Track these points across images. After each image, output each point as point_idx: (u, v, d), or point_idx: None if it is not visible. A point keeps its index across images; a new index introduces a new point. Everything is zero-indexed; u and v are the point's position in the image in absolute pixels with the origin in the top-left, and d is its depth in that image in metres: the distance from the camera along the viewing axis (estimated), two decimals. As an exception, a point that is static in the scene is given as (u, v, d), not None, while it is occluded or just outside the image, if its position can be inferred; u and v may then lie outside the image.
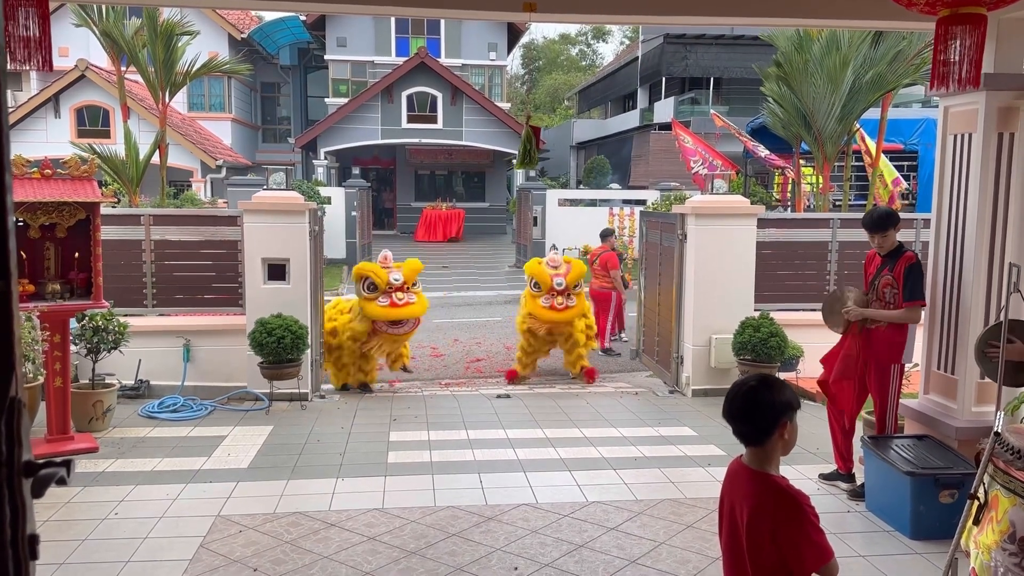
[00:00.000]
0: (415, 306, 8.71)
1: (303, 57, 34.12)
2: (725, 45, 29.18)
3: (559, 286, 9.15)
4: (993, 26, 4.96)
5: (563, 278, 9.20)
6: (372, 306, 8.51)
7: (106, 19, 12.42)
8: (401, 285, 8.65)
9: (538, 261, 9.56)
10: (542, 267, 9.35)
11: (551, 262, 9.46)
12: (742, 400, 2.46)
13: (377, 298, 8.54)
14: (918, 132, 17.62)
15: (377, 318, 8.52)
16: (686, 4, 5.39)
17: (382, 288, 8.55)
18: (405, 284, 8.69)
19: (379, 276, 8.58)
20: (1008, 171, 5.12)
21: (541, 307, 9.14)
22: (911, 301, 5.22)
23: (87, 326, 7.06)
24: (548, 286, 9.17)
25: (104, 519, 4.96)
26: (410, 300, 8.67)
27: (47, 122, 23.60)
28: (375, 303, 8.52)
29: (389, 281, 8.58)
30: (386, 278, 8.58)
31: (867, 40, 11.90)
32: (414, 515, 5.08)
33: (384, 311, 8.49)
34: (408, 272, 8.82)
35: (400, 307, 8.56)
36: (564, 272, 9.27)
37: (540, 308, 9.15)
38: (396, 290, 8.60)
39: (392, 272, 8.71)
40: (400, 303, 8.56)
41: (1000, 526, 3.40)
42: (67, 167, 6.26)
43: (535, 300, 9.25)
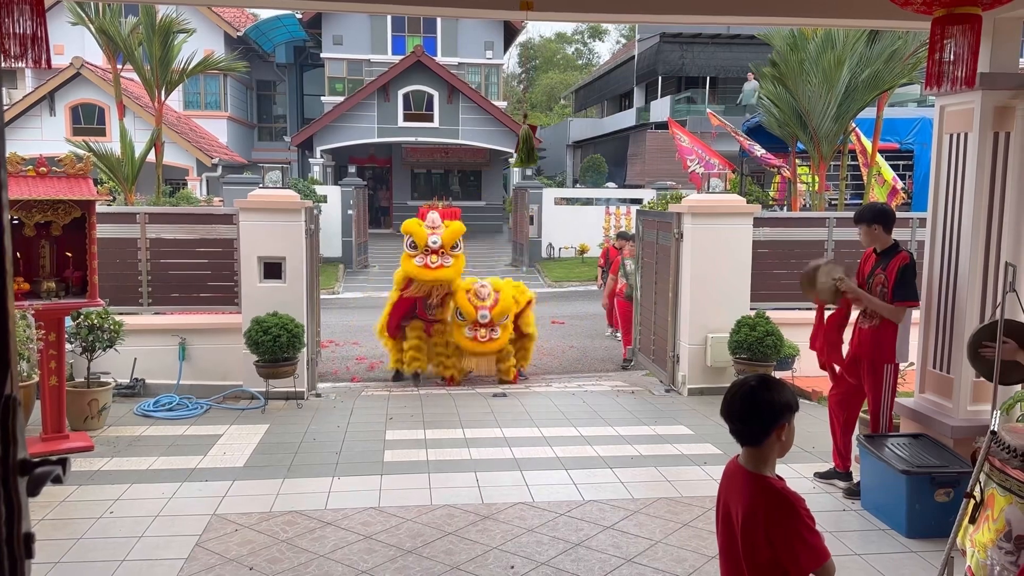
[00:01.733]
0: (448, 270, 9.03)
1: (299, 55, 34.08)
2: (721, 44, 29.19)
3: (483, 319, 9.00)
4: (989, 25, 4.97)
5: (487, 311, 9.03)
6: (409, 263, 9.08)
7: (102, 17, 12.38)
8: (438, 248, 9.01)
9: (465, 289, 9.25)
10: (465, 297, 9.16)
11: (477, 293, 9.22)
12: (741, 400, 2.46)
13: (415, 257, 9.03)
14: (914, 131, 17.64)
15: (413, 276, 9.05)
16: (682, 3, 5.39)
17: (420, 247, 9.03)
18: (442, 247, 9.02)
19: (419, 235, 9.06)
20: (1004, 170, 5.13)
21: (466, 339, 9.08)
22: (900, 301, 5.23)
23: (82, 324, 7.04)
24: (473, 317, 9.04)
25: (99, 518, 4.95)
26: (444, 263, 9.03)
27: (42, 120, 23.53)
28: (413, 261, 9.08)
29: (427, 242, 9.02)
30: (425, 238, 9.05)
31: (862, 39, 11.90)
32: (410, 514, 5.08)
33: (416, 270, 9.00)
34: (447, 235, 9.11)
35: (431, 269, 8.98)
36: (490, 304, 9.10)
37: (466, 341, 9.09)
38: (432, 252, 9.01)
39: (432, 234, 9.06)
40: (433, 266, 8.97)
41: (996, 524, 3.41)
42: (63, 165, 6.25)
43: (460, 329, 9.12)
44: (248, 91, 32.83)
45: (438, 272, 8.97)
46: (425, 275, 8.95)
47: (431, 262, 8.96)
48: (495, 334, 9.11)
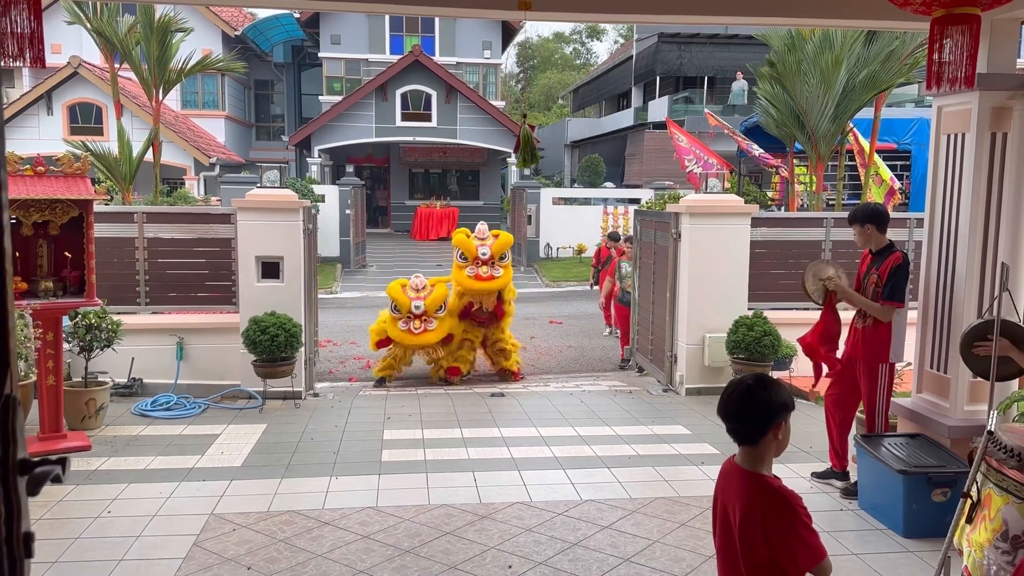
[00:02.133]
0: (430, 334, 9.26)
1: (297, 55, 34.05)
2: (719, 44, 29.19)
3: (417, 309, 9.17)
4: (986, 26, 4.98)
5: (422, 301, 9.21)
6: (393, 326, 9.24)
7: (99, 16, 12.37)
8: (421, 314, 9.24)
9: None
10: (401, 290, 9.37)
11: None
12: (738, 399, 2.46)
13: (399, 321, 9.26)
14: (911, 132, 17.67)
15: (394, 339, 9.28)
16: (681, 4, 5.40)
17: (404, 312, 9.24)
18: (425, 313, 9.25)
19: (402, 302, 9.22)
20: (1001, 171, 5.14)
21: (400, 332, 9.21)
22: (888, 301, 5.25)
23: (80, 324, 7.03)
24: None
25: (97, 517, 4.95)
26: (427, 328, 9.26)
27: (39, 119, 23.50)
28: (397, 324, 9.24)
29: (411, 308, 9.21)
30: (408, 305, 9.21)
31: (860, 39, 11.92)
32: (408, 513, 5.08)
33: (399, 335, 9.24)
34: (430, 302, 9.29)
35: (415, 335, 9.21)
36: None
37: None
38: (415, 317, 9.22)
39: (416, 299, 9.23)
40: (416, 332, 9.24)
41: (993, 524, 3.42)
42: (60, 164, 6.24)
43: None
44: (246, 90, 32.80)
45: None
46: (477, 285, 9.28)
47: (483, 273, 9.26)
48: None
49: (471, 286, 9.28)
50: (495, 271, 9.32)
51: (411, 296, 9.24)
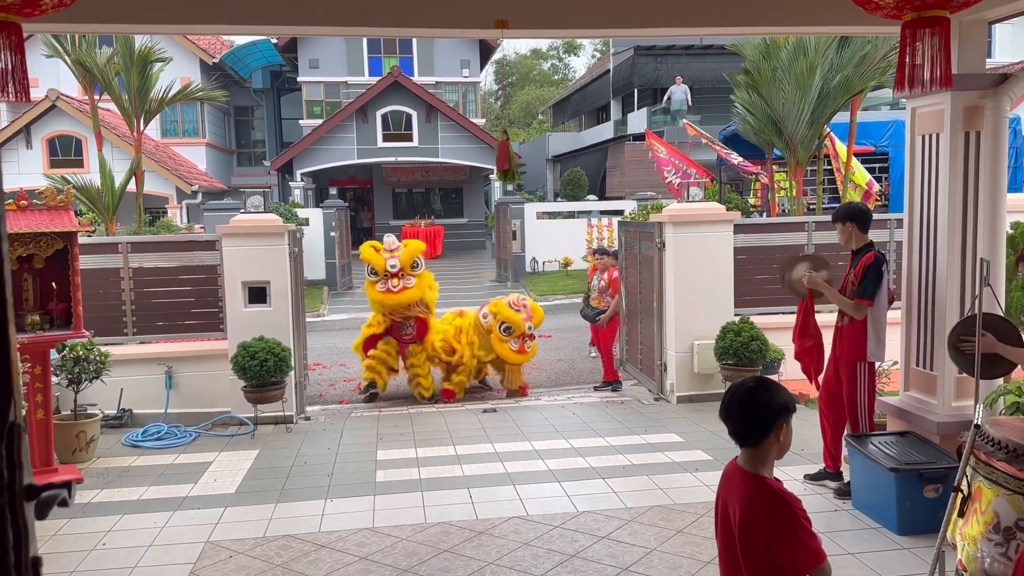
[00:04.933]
0: (411, 291, 9.15)
1: (276, 80, 34.09)
2: (695, 55, 29.46)
3: (393, 267, 9.14)
4: (955, 28, 5.07)
5: (396, 259, 9.20)
6: (372, 289, 9.25)
7: (78, 48, 12.37)
8: (396, 271, 9.15)
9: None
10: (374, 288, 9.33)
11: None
12: (740, 401, 2.49)
13: (377, 283, 9.17)
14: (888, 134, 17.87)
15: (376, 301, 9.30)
16: (653, 17, 5.46)
17: (380, 273, 9.19)
18: (401, 270, 9.16)
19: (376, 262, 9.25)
20: (976, 169, 5.23)
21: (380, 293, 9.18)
22: (858, 299, 5.33)
23: (68, 356, 7.00)
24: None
25: (92, 550, 4.91)
26: (406, 285, 9.14)
27: (19, 153, 23.40)
28: (375, 286, 9.20)
29: (386, 267, 9.16)
30: (383, 264, 9.17)
31: (833, 45, 12.08)
32: (405, 533, 5.07)
33: (380, 296, 9.17)
34: (405, 257, 9.24)
35: (394, 293, 9.10)
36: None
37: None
38: (392, 276, 9.13)
39: (390, 258, 9.19)
40: (395, 289, 9.11)
41: (984, 517, 3.46)
42: (43, 197, 6.23)
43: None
44: (226, 117, 32.79)
45: (401, 295, 9.09)
46: (389, 300, 9.11)
47: (393, 286, 9.09)
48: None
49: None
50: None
51: (385, 256, 9.21)
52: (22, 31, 3.19)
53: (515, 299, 9.65)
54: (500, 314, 9.42)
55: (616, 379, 9.85)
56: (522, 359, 9.52)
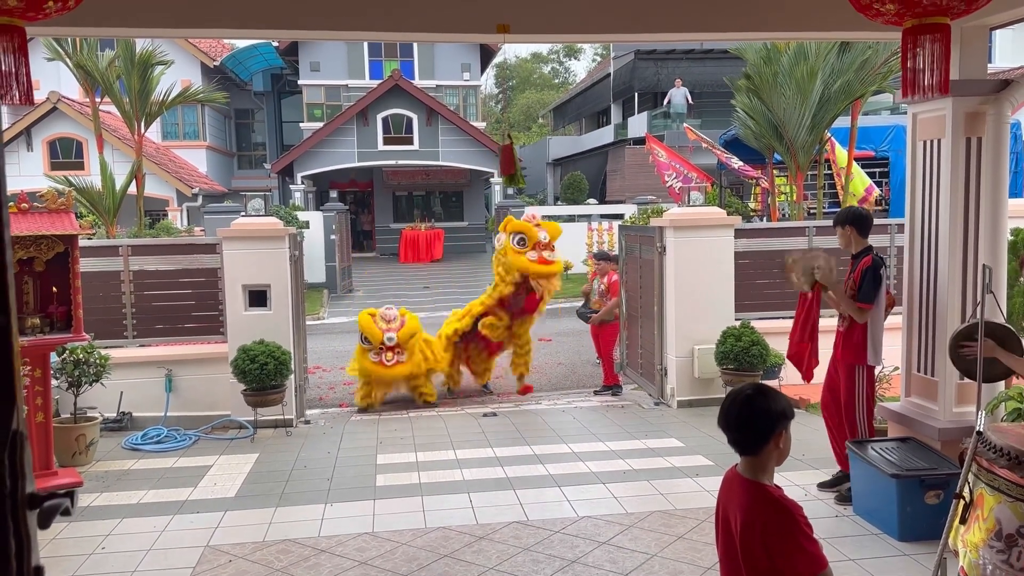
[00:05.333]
0: (403, 367, 9.15)
1: (276, 83, 34.10)
2: (696, 59, 29.48)
3: (390, 341, 9.07)
4: (956, 34, 5.08)
5: (394, 333, 9.12)
6: (365, 358, 9.05)
7: (80, 51, 12.38)
8: (393, 346, 9.11)
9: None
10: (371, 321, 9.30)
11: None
12: (738, 409, 2.48)
13: (370, 352, 9.08)
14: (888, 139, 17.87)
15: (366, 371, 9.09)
16: (653, 22, 5.47)
17: (375, 345, 9.06)
18: (398, 346, 9.13)
19: (373, 334, 9.05)
20: (977, 175, 5.22)
21: (371, 363, 9.09)
22: (859, 302, 5.33)
23: (68, 360, 6.99)
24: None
25: (91, 554, 4.90)
26: (400, 360, 9.15)
27: (19, 156, 23.41)
28: (368, 356, 9.06)
29: (383, 340, 9.06)
30: (380, 337, 9.05)
31: (834, 50, 12.08)
32: (405, 537, 5.06)
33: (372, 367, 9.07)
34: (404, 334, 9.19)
35: (387, 368, 9.06)
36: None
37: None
38: (387, 349, 9.08)
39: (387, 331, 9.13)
40: (388, 364, 9.08)
41: (986, 524, 3.45)
42: (44, 200, 6.23)
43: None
44: (226, 120, 32.81)
45: (393, 370, 9.06)
46: (381, 373, 9.06)
47: (387, 360, 9.04)
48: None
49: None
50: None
51: (382, 327, 9.11)
52: (25, 35, 3.19)
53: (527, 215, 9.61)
54: (509, 226, 9.48)
55: (616, 383, 9.83)
56: (545, 269, 9.29)
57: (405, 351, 9.14)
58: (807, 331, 5.63)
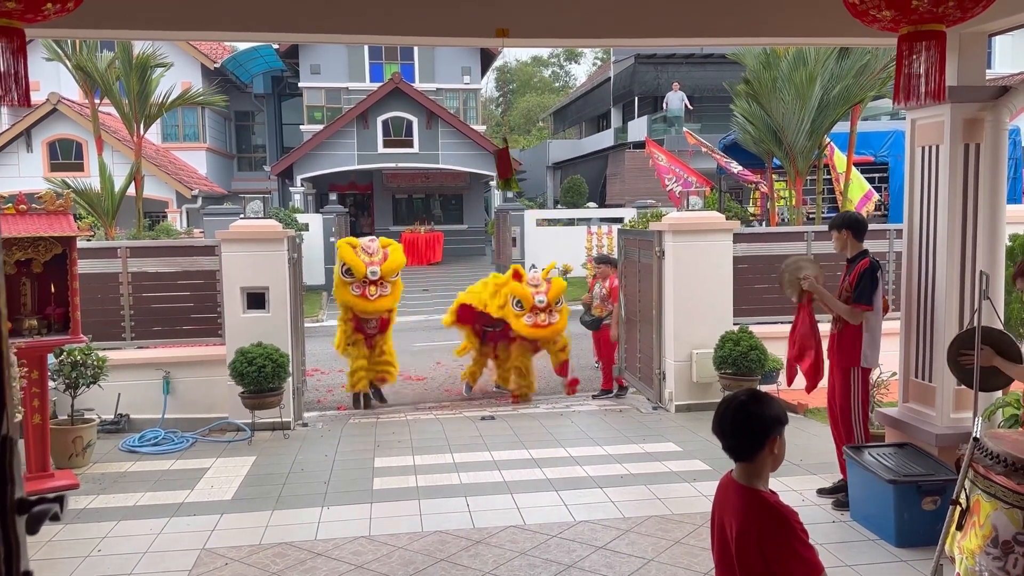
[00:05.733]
0: (386, 299, 9.06)
1: (277, 85, 34.11)
2: (696, 64, 29.51)
3: (373, 275, 9.00)
4: (955, 40, 5.09)
5: (377, 267, 9.04)
6: (343, 291, 8.97)
7: (79, 53, 12.39)
8: (380, 278, 8.99)
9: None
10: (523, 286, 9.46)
11: (531, 280, 9.56)
12: (732, 415, 2.48)
13: (351, 285, 8.97)
14: (888, 144, 17.89)
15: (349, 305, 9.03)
16: (653, 27, 5.47)
17: (359, 277, 8.89)
18: (383, 277, 9.00)
19: (356, 267, 8.89)
20: (976, 181, 5.23)
21: (353, 296, 9.02)
22: (855, 304, 5.33)
23: (65, 361, 6.98)
24: (531, 303, 9.28)
25: (87, 556, 4.89)
26: (383, 293, 9.01)
27: (19, 156, 23.41)
28: (349, 290, 8.96)
29: (366, 274, 8.92)
30: (363, 271, 8.91)
31: (833, 56, 12.10)
32: (401, 541, 5.05)
33: (354, 300, 8.95)
34: (389, 266, 9.09)
35: (370, 301, 8.95)
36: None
37: (353, 298, 9.03)
38: (374, 283, 8.96)
39: (372, 265, 8.98)
40: (372, 297, 8.95)
41: (983, 530, 3.44)
42: (42, 202, 6.23)
43: (519, 319, 9.34)
44: (226, 122, 32.82)
45: (378, 303, 9.02)
46: (365, 306, 9.01)
47: (370, 293, 8.96)
48: (385, 291, 9.08)
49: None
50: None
51: (365, 260, 9.02)
52: (24, 36, 3.19)
53: (531, 276, 9.64)
54: (507, 287, 9.54)
55: (620, 385, 9.90)
56: (538, 334, 9.34)
57: (388, 284, 9.07)
58: (798, 343, 5.65)
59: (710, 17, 5.42)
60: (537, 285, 9.47)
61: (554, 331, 9.44)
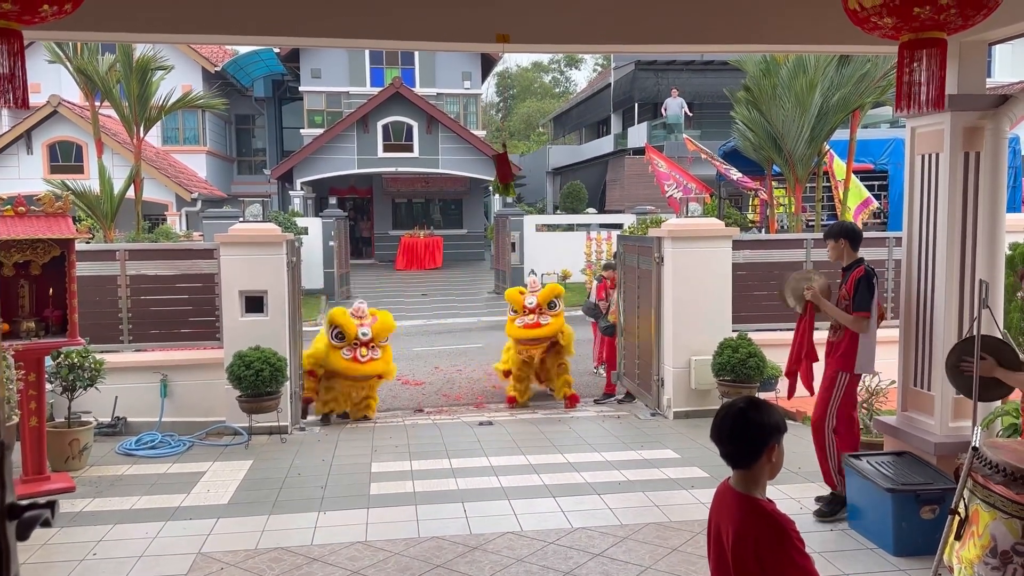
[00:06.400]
0: (377, 363, 8.83)
1: (277, 89, 34.14)
2: (696, 70, 29.57)
3: (364, 336, 8.82)
4: (955, 48, 5.09)
5: (368, 327, 8.88)
6: (334, 356, 8.69)
7: (80, 55, 12.39)
8: (370, 340, 8.79)
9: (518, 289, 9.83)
10: (517, 292, 9.72)
11: (530, 286, 9.71)
12: (730, 422, 2.47)
13: (342, 349, 8.71)
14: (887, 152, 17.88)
15: (337, 370, 8.71)
16: (653, 33, 5.48)
17: (349, 340, 8.72)
18: (375, 339, 8.83)
19: (348, 330, 8.71)
20: (975, 189, 5.22)
21: (344, 361, 8.76)
22: (856, 312, 5.32)
23: (62, 364, 6.97)
24: (520, 304, 9.45)
25: (83, 560, 4.87)
26: (373, 357, 8.80)
27: (19, 158, 23.39)
28: (339, 354, 8.69)
29: (357, 336, 8.72)
30: (354, 333, 8.73)
31: (833, 63, 12.11)
32: (398, 547, 5.04)
33: (345, 365, 8.66)
34: (379, 328, 8.95)
35: (361, 364, 8.71)
36: (370, 322, 9.01)
37: (344, 362, 8.77)
38: (365, 344, 8.76)
39: (363, 326, 8.82)
40: (363, 360, 8.71)
41: (981, 540, 3.43)
42: (41, 204, 6.22)
43: (511, 322, 9.54)
44: (227, 125, 32.82)
45: (367, 366, 8.77)
46: (355, 370, 8.71)
47: (361, 355, 8.74)
48: (375, 354, 8.89)
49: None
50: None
51: (356, 323, 8.89)
52: (23, 38, 3.18)
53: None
54: (507, 295, 9.76)
55: (613, 391, 9.93)
56: (525, 334, 9.36)
57: (379, 348, 8.95)
58: (802, 352, 5.64)
59: (711, 24, 5.42)
60: (535, 291, 9.57)
61: (544, 332, 9.40)
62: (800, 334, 5.71)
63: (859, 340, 5.35)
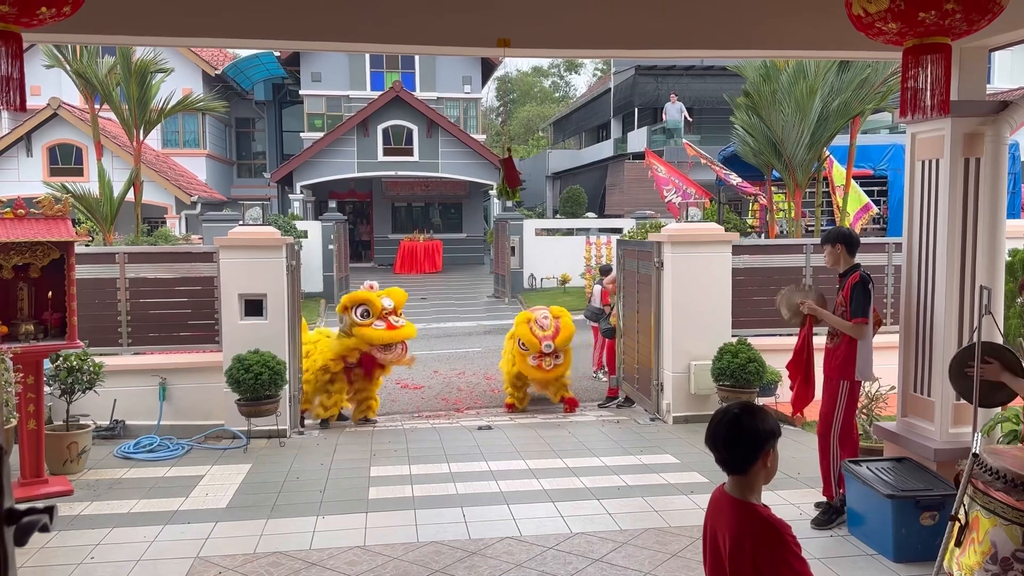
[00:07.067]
0: (409, 327, 9.03)
1: (278, 92, 34.18)
2: (696, 76, 29.61)
3: (548, 349, 9.26)
4: (956, 55, 5.08)
5: (551, 341, 9.30)
6: (369, 331, 8.64)
7: (79, 59, 12.39)
8: (393, 309, 8.93)
9: (527, 319, 9.63)
10: (529, 328, 9.52)
11: (540, 321, 9.57)
12: (725, 428, 2.47)
13: (372, 323, 8.69)
14: (887, 157, 17.90)
15: (376, 341, 8.66)
16: (653, 39, 5.48)
17: (376, 313, 8.73)
18: (396, 309, 8.98)
19: (373, 303, 8.76)
20: (975, 195, 5.22)
21: (530, 367, 9.36)
22: (854, 318, 5.31)
23: (61, 367, 6.95)
24: (536, 348, 9.34)
25: (80, 563, 4.86)
26: (401, 324, 8.98)
27: (19, 161, 23.40)
28: (371, 328, 8.65)
29: (383, 306, 8.80)
30: (380, 304, 8.80)
31: (833, 69, 12.12)
32: (396, 552, 5.02)
33: (382, 334, 8.67)
34: (397, 299, 9.12)
35: (398, 328, 8.83)
36: (552, 334, 9.37)
37: (529, 368, 9.37)
38: (390, 313, 8.87)
39: (383, 298, 8.94)
40: (397, 325, 8.85)
41: (981, 547, 3.43)
42: (41, 206, 6.21)
43: (524, 359, 9.44)
44: (227, 128, 32.85)
45: (404, 330, 8.91)
46: (392, 336, 8.75)
47: (395, 321, 8.87)
48: (559, 360, 9.40)
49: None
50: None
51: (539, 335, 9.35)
52: (21, 41, 3.18)
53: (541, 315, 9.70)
54: (518, 331, 9.65)
55: (616, 394, 9.97)
56: (539, 376, 9.51)
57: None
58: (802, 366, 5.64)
59: (711, 29, 5.42)
60: (545, 328, 9.49)
61: (556, 375, 9.52)
62: (797, 350, 5.69)
63: (857, 346, 5.35)
